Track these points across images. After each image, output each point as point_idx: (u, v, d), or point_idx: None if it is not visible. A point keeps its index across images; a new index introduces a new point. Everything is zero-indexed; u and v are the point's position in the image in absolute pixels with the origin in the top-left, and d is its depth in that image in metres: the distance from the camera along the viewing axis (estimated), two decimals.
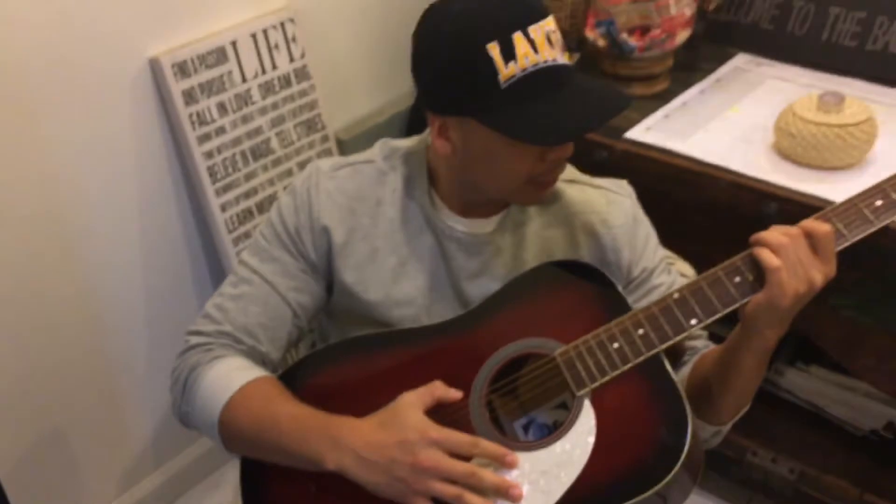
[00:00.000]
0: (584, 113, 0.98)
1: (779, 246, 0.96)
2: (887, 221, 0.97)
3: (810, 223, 0.97)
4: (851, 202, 0.99)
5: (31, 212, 1.50)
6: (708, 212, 1.51)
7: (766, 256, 0.96)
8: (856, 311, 1.46)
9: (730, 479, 1.79)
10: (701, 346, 1.18)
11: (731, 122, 1.62)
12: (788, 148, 1.47)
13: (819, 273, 0.96)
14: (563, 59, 1.00)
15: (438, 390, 1.01)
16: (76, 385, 1.69)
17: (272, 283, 1.14)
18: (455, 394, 1.01)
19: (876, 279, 1.42)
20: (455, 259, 1.14)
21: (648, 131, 1.60)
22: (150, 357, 1.79)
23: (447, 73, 0.99)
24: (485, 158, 1.03)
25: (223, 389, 1.07)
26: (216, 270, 1.80)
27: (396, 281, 1.14)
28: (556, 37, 1.00)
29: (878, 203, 0.98)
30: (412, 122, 2.03)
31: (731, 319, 1.03)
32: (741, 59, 1.83)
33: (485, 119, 0.98)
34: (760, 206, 1.44)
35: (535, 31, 0.97)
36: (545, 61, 0.97)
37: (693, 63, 1.81)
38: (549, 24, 0.99)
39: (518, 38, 0.96)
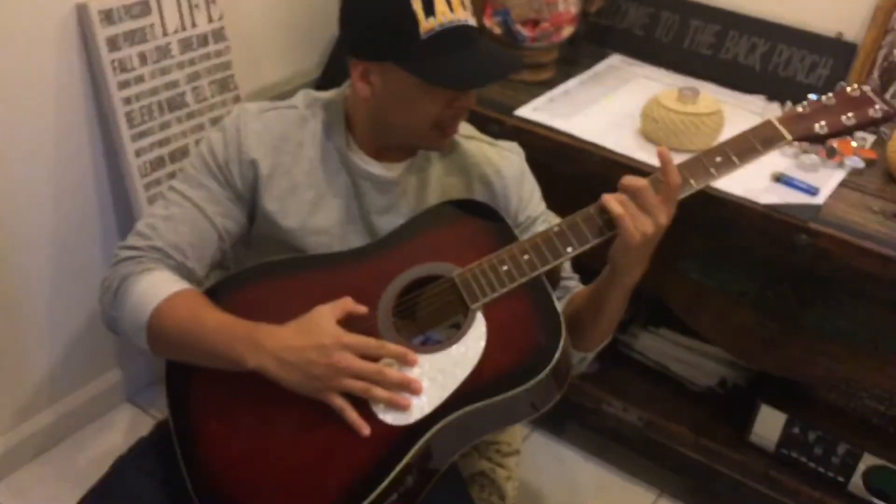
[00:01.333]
0: (488, 66, 1.17)
1: (620, 199, 1.15)
2: (724, 174, 1.20)
3: (667, 172, 1.16)
4: (698, 158, 1.21)
5: None
6: (582, 183, 1.72)
7: (613, 206, 1.15)
8: (700, 274, 1.70)
9: (587, 427, 2.02)
10: (573, 286, 1.38)
11: (605, 109, 1.85)
12: (652, 132, 1.71)
13: (663, 215, 1.15)
14: (472, 21, 1.18)
15: (349, 304, 1.15)
16: None
17: (200, 207, 1.25)
18: (362, 308, 1.15)
19: (718, 246, 1.67)
20: (367, 195, 1.30)
21: (535, 111, 1.81)
22: (52, 292, 1.84)
23: (374, 23, 1.15)
24: (399, 101, 1.19)
25: (153, 297, 1.17)
26: (123, 213, 1.88)
27: (313, 212, 1.28)
28: (468, 1, 1.18)
29: (718, 160, 1.20)
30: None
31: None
32: (615, 59, 2.08)
33: (405, 65, 1.15)
34: None
35: None
36: (459, 20, 1.15)
37: (575, 58, 2.04)
38: None
39: None
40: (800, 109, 1.23)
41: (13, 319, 1.80)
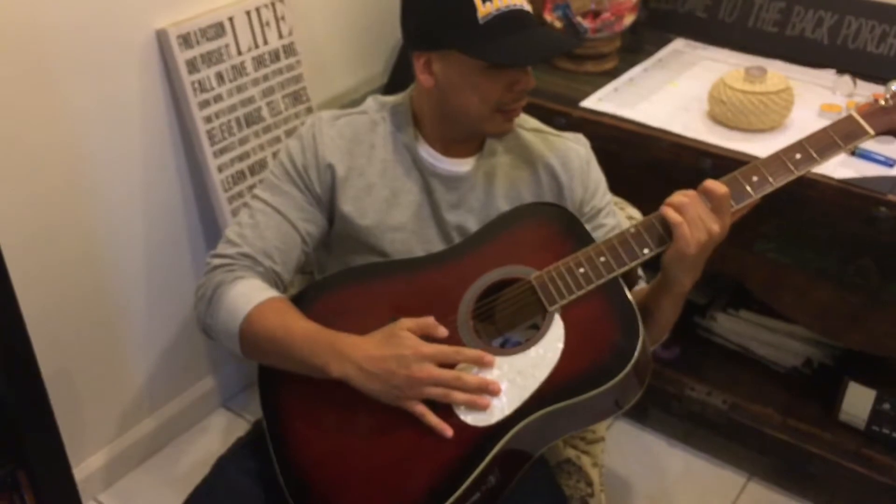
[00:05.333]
0: (545, 44, 1.22)
1: (679, 205, 1.16)
2: (805, 171, 1.18)
3: (709, 184, 1.16)
4: (776, 155, 1.19)
5: (46, 164, 1.66)
6: (652, 170, 1.73)
7: (671, 214, 1.16)
8: (776, 253, 1.69)
9: (671, 413, 2.02)
10: (637, 288, 1.38)
11: (671, 94, 1.85)
12: (720, 114, 1.71)
13: (716, 224, 1.15)
14: (527, 6, 1.23)
15: (430, 325, 1.17)
16: (80, 331, 1.83)
17: (283, 213, 1.31)
18: (442, 331, 1.17)
19: (794, 223, 1.65)
20: (437, 192, 1.33)
21: (601, 101, 1.83)
22: (147, 306, 1.94)
23: (434, 12, 1.20)
24: (462, 87, 1.23)
25: (244, 305, 1.23)
26: (210, 227, 1.97)
27: (389, 210, 1.33)
28: None
29: (798, 156, 1.18)
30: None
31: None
32: (679, 43, 2.08)
33: (465, 50, 1.19)
34: (698, 162, 1.67)
35: None
36: (514, 5, 1.20)
37: (637, 46, 2.05)
38: None
39: None
40: (882, 103, 1.21)
41: (113, 334, 1.91)
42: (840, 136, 1.19)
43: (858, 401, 1.79)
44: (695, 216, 1.15)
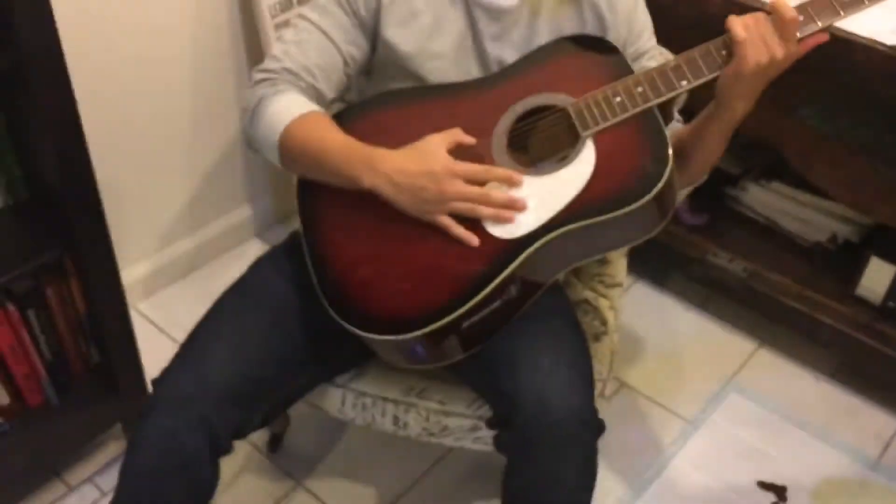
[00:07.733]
0: None
1: (745, 25, 1.16)
2: (853, 13, 1.16)
3: (779, 5, 1.15)
4: None
5: None
6: (703, 26, 1.70)
7: (737, 30, 1.16)
8: (818, 120, 1.68)
9: (691, 278, 2.07)
10: (677, 127, 1.40)
11: None
12: None
13: (780, 48, 1.15)
14: None
15: (459, 134, 1.22)
16: (130, 139, 1.89)
17: (327, 33, 1.33)
18: (470, 139, 1.22)
19: (838, 90, 1.64)
20: (481, 22, 1.34)
21: None
22: (191, 130, 2.00)
23: None
24: None
25: (284, 117, 1.27)
26: (254, 52, 1.99)
27: (430, 37, 1.34)
28: None
29: None
30: None
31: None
32: None
33: None
34: None
35: None
36: None
37: None
38: None
39: None
40: None
41: (156, 154, 1.97)
42: None
43: (878, 276, 1.82)
44: (758, 36, 1.15)
